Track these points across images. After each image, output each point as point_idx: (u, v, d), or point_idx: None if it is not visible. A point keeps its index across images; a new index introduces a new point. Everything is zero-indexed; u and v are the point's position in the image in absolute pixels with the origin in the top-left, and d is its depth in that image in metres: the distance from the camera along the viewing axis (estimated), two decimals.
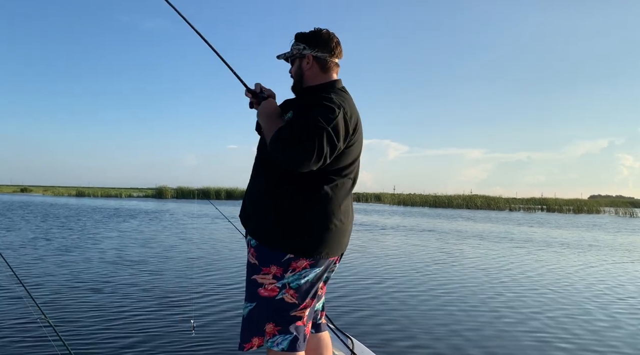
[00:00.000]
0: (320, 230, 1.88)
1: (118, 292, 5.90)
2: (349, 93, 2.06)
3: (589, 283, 7.50)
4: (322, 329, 2.24)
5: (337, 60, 2.09)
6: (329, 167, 1.86)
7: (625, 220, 28.47)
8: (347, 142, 1.88)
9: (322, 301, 2.23)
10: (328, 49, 2.04)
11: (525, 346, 4.28)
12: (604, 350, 4.26)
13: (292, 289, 1.88)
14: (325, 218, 1.89)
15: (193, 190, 49.37)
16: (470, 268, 8.70)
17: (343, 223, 1.96)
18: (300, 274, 1.88)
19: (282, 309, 1.88)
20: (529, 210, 39.17)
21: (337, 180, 1.91)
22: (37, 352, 3.73)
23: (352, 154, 1.96)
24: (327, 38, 2.05)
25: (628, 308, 5.89)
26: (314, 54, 2.03)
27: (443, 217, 26.42)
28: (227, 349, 3.93)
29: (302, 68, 2.06)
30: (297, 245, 1.87)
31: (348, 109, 1.89)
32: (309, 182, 1.86)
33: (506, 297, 6.28)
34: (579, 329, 4.88)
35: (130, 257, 8.87)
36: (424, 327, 4.76)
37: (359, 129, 1.98)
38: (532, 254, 11.17)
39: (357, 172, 2.04)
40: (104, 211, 24.37)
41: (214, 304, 5.43)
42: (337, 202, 1.92)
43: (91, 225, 15.81)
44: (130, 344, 3.99)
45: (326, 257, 1.93)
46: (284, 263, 1.88)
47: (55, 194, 57.68)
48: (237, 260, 8.77)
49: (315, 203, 1.88)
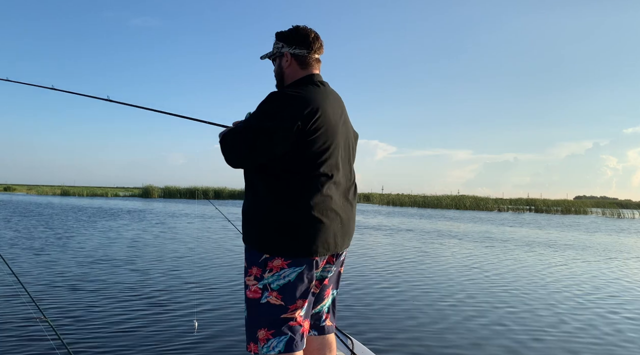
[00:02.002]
0: (292, 229, 1.84)
1: (118, 292, 5.85)
2: (326, 86, 2.04)
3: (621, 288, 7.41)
4: (326, 331, 2.15)
5: (317, 56, 2.09)
6: (295, 164, 1.83)
7: (613, 221, 28.76)
8: (301, 136, 1.82)
9: (328, 303, 2.15)
10: (306, 45, 2.04)
11: (522, 339, 4.19)
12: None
13: (274, 291, 1.85)
14: (296, 216, 1.83)
15: (180, 190, 49.12)
16: (472, 268, 8.67)
17: (322, 221, 1.86)
18: (279, 274, 1.85)
19: (271, 312, 1.86)
20: (518, 211, 39.52)
21: (305, 177, 1.85)
22: (37, 351, 3.70)
23: (317, 149, 1.87)
24: (304, 34, 2.06)
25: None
26: (291, 51, 2.05)
27: (434, 218, 26.50)
28: (230, 348, 3.90)
29: (282, 66, 2.08)
30: (270, 244, 1.85)
31: (302, 102, 1.85)
32: (277, 182, 1.85)
33: (508, 298, 6.23)
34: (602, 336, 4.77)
35: (129, 257, 8.80)
36: (424, 327, 4.74)
37: (323, 123, 1.89)
38: (551, 257, 11.11)
39: (334, 166, 1.93)
40: (96, 211, 24.06)
41: (216, 304, 5.39)
42: (308, 199, 1.84)
43: (86, 224, 15.63)
44: (130, 343, 3.96)
45: (305, 256, 1.85)
46: (261, 263, 1.87)
47: (39, 192, 56.93)
48: (237, 260, 8.71)
49: (284, 202, 1.84)
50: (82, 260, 8.13)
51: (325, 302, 2.13)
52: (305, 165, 1.85)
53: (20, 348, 3.76)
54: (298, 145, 1.83)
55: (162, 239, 11.90)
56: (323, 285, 2.08)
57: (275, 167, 1.85)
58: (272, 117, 1.81)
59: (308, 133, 1.83)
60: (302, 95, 1.89)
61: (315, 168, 1.87)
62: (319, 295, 2.08)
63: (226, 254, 9.58)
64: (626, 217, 34.32)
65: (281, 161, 1.84)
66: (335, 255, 2.02)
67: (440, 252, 10.97)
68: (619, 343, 4.41)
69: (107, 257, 8.57)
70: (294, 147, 1.82)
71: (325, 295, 2.11)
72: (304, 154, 1.84)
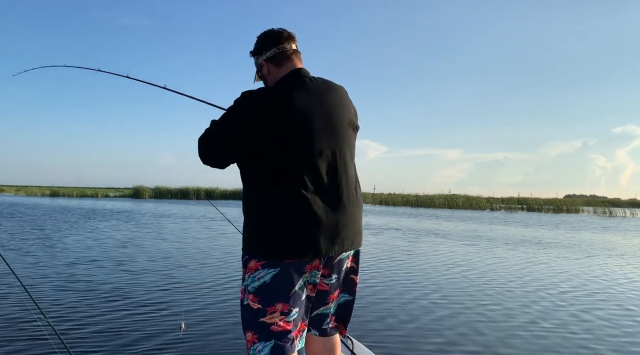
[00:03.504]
0: (264, 230, 1.79)
1: (118, 292, 5.88)
2: (308, 79, 1.92)
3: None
4: (328, 333, 2.06)
5: (290, 47, 2.01)
6: (269, 164, 1.78)
7: (604, 220, 28.95)
8: (274, 133, 1.76)
9: (332, 308, 2.05)
10: (272, 43, 2.01)
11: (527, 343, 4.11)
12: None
13: (250, 293, 1.82)
14: (268, 218, 1.78)
15: (171, 190, 48.86)
16: (475, 269, 8.62)
17: (296, 224, 1.76)
18: (253, 275, 1.81)
19: (252, 315, 1.82)
20: (510, 210, 39.65)
21: (279, 178, 1.78)
22: (37, 351, 3.72)
23: (294, 146, 1.78)
24: (267, 34, 2.03)
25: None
26: (264, 57, 2.02)
27: (428, 217, 26.51)
28: (218, 349, 3.92)
29: (264, 76, 2.07)
30: (248, 244, 1.85)
31: (267, 96, 1.81)
32: (255, 184, 1.84)
33: (510, 299, 6.13)
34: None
35: (126, 257, 8.84)
36: (424, 327, 4.74)
37: (296, 117, 1.79)
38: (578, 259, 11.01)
39: (314, 164, 1.81)
40: (87, 211, 23.82)
41: (205, 305, 5.37)
42: (280, 201, 1.77)
43: (82, 225, 15.49)
44: (130, 343, 3.99)
45: (279, 258, 1.77)
46: (244, 264, 1.87)
47: (28, 193, 56.33)
48: (229, 261, 8.68)
49: (258, 204, 1.82)
50: (79, 261, 8.13)
51: (329, 305, 2.03)
52: (280, 165, 1.78)
53: (21, 348, 3.77)
54: (270, 143, 1.77)
55: (162, 239, 11.92)
56: (322, 291, 1.97)
57: (253, 169, 1.83)
58: (236, 112, 1.81)
59: (275, 127, 1.76)
60: (269, 90, 1.86)
61: (291, 168, 1.78)
62: (319, 299, 1.98)
63: (227, 254, 9.51)
64: (618, 215, 34.56)
65: (258, 162, 1.80)
66: (326, 262, 1.88)
67: (448, 253, 10.88)
68: (585, 338, 4.41)
69: (106, 258, 8.54)
70: (267, 145, 1.76)
71: (328, 300, 2.01)
72: (277, 153, 1.78)
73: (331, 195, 1.84)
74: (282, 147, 1.77)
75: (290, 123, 1.77)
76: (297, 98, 1.81)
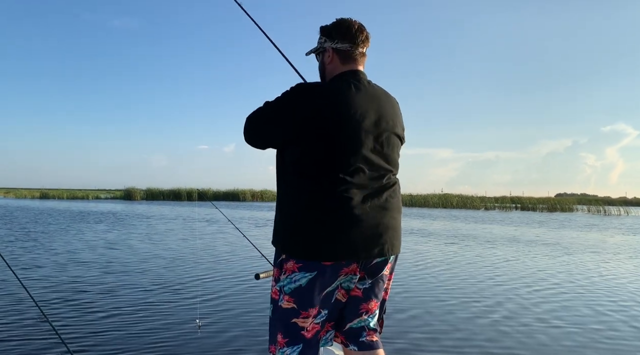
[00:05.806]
0: (303, 231, 1.77)
1: (118, 292, 5.90)
2: (364, 84, 1.90)
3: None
4: (366, 347, 1.97)
5: (362, 50, 1.98)
6: (308, 166, 1.77)
7: (602, 218, 29.01)
8: (322, 133, 1.76)
9: (370, 319, 1.98)
10: (349, 38, 1.95)
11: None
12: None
13: (286, 294, 1.82)
14: (307, 219, 1.76)
15: (163, 191, 48.66)
16: (477, 268, 8.48)
17: (343, 224, 1.75)
18: (290, 277, 1.80)
19: (284, 316, 1.82)
20: (504, 209, 39.70)
21: (319, 179, 1.77)
22: (37, 351, 3.72)
23: (342, 148, 1.77)
24: (347, 27, 1.97)
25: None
26: (333, 46, 1.97)
27: (424, 217, 26.42)
28: (233, 349, 3.89)
29: (324, 62, 2.02)
30: (285, 245, 1.82)
31: (316, 94, 1.80)
32: (293, 184, 1.81)
33: (512, 300, 5.95)
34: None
35: (127, 257, 8.88)
36: (424, 327, 4.72)
37: (339, 118, 1.77)
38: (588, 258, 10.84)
39: (355, 167, 1.79)
40: (89, 214, 23.53)
41: (220, 303, 5.43)
42: (320, 203, 1.75)
43: (81, 226, 15.53)
44: (132, 344, 3.97)
45: (316, 259, 1.75)
46: (279, 264, 1.87)
47: (17, 196, 55.84)
48: (240, 261, 8.71)
49: (296, 204, 1.80)
50: (77, 262, 8.15)
51: (366, 317, 1.97)
52: (319, 166, 1.77)
53: (21, 348, 3.77)
54: (317, 140, 1.76)
55: (161, 239, 11.95)
56: (354, 297, 1.94)
57: (291, 168, 1.82)
58: (289, 104, 1.80)
59: (325, 127, 1.75)
60: (324, 90, 1.83)
61: (331, 170, 1.77)
62: (352, 308, 1.95)
63: (228, 254, 9.51)
64: (613, 214, 34.67)
65: (297, 163, 1.79)
66: (363, 266, 1.85)
67: (450, 253, 10.70)
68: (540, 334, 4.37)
69: (105, 259, 8.58)
70: (314, 141, 1.76)
71: (361, 309, 1.96)
72: (318, 153, 1.77)
73: (374, 198, 1.83)
74: (329, 146, 1.77)
75: (342, 125, 1.77)
76: (352, 100, 1.81)
